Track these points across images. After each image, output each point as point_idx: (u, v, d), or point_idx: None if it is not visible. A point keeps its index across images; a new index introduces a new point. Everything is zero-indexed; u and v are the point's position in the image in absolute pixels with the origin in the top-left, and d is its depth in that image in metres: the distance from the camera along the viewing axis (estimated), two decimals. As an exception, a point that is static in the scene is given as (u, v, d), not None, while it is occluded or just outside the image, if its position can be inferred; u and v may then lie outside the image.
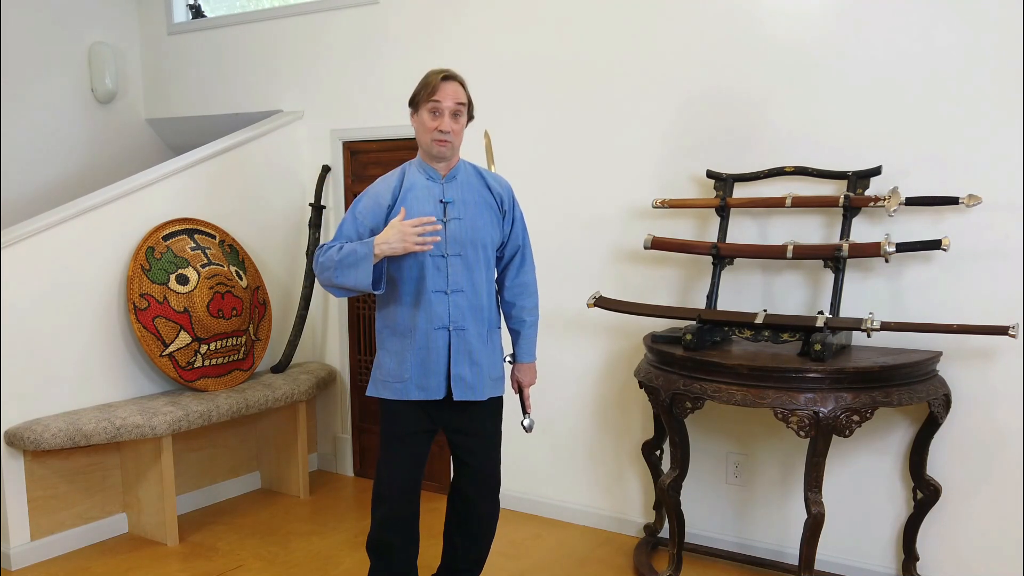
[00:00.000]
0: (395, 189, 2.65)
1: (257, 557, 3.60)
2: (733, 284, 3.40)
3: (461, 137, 2.66)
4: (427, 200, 2.64)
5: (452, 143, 2.62)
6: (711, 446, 3.54)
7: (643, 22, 3.54)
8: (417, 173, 2.68)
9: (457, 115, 2.60)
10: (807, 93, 3.23)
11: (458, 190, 2.67)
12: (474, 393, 2.67)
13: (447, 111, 2.58)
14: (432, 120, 2.59)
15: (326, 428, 4.68)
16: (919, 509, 3.08)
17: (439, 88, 2.58)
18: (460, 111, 2.61)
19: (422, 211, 2.61)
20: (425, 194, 2.64)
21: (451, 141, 2.61)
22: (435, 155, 2.63)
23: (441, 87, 2.58)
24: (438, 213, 2.63)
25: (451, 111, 2.59)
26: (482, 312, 2.67)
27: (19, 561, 3.47)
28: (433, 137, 2.59)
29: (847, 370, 2.76)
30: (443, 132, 2.58)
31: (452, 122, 2.59)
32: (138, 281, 3.73)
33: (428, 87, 2.59)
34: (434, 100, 2.58)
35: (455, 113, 2.60)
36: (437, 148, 2.61)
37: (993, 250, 2.96)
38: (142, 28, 5.14)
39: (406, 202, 2.63)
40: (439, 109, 2.58)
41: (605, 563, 3.50)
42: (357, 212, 2.67)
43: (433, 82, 2.59)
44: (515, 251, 2.79)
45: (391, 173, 2.72)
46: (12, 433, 3.37)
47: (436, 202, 2.64)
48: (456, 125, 2.61)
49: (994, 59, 2.91)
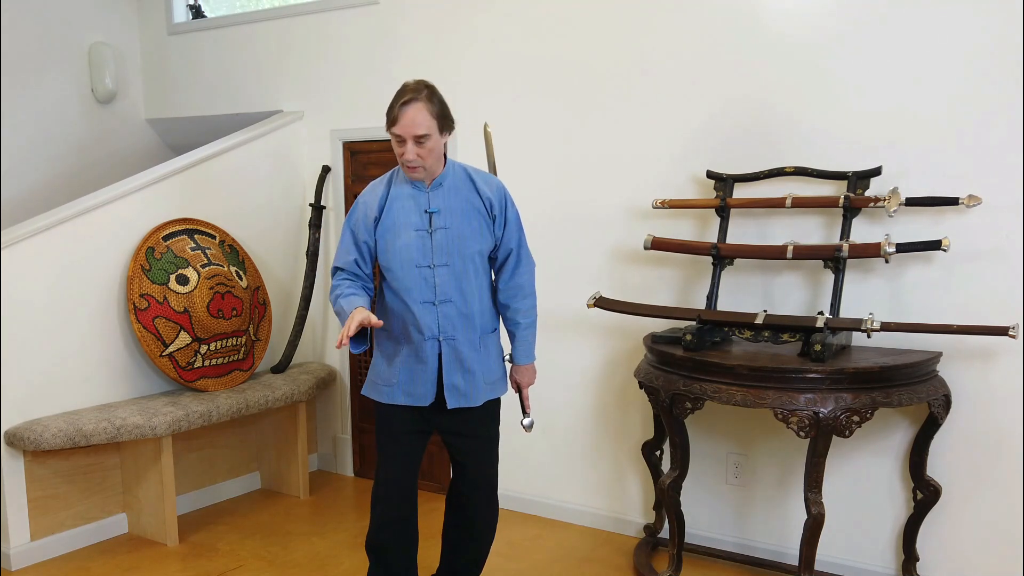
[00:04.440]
0: (381, 200, 2.63)
1: (257, 557, 3.60)
2: (733, 284, 3.40)
3: (436, 154, 2.57)
4: (412, 211, 2.61)
5: (423, 166, 2.55)
6: (711, 446, 3.54)
7: (644, 24, 3.53)
8: (403, 182, 2.64)
9: (421, 141, 2.49)
10: (807, 93, 3.23)
11: (444, 198, 2.62)
12: (468, 400, 2.67)
13: (409, 140, 2.50)
14: (398, 147, 2.53)
15: (326, 428, 4.68)
16: (919, 509, 3.08)
17: (399, 118, 2.48)
18: (424, 140, 2.49)
19: (407, 221, 2.60)
20: (410, 204, 2.62)
21: (420, 165, 2.54)
22: (411, 179, 2.61)
23: (400, 117, 2.48)
24: (424, 223, 2.60)
25: (414, 138, 2.49)
26: (472, 320, 2.65)
27: (19, 561, 3.47)
28: (401, 163, 2.56)
29: (847, 370, 2.76)
30: (408, 161, 2.53)
31: (417, 148, 2.50)
32: (138, 281, 3.73)
33: (391, 111, 2.50)
34: (393, 131, 2.50)
35: (419, 139, 2.49)
36: (409, 174, 2.58)
37: (993, 250, 2.96)
38: (142, 28, 5.14)
39: (392, 213, 2.61)
40: (401, 139, 2.51)
41: (605, 563, 3.50)
42: (352, 225, 2.67)
43: (393, 107, 2.50)
44: (508, 253, 2.73)
45: (379, 180, 2.70)
46: (12, 433, 3.38)
47: (421, 212, 2.61)
48: (422, 149, 2.50)
49: (994, 59, 2.91)
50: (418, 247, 2.59)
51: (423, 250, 2.59)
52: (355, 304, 2.54)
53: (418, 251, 2.59)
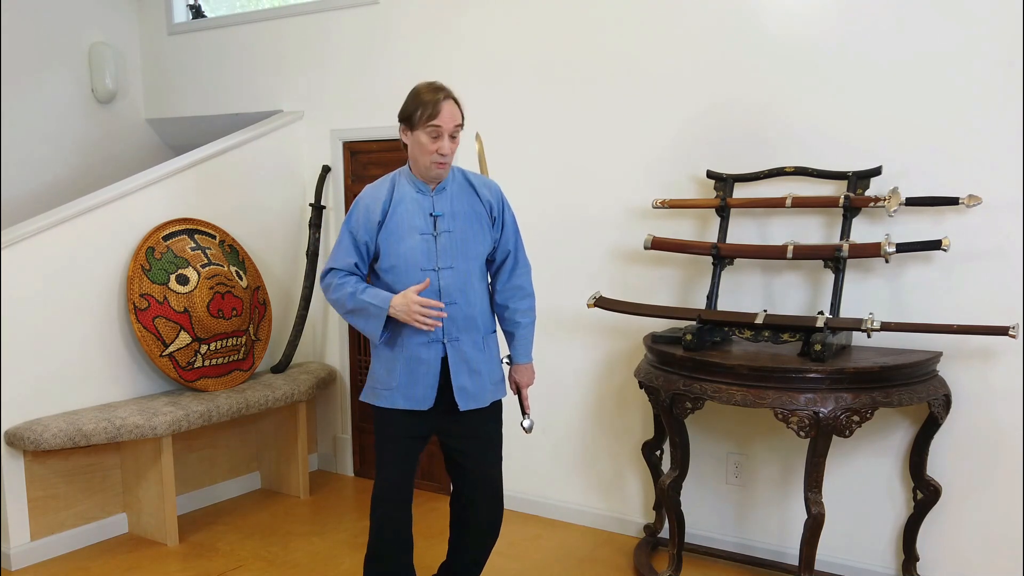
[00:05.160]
0: (384, 203, 2.63)
1: (257, 557, 3.60)
2: (733, 284, 3.40)
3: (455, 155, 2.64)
4: (417, 214, 2.62)
5: (449, 163, 2.60)
6: (711, 446, 3.54)
7: (644, 23, 3.53)
8: (407, 185, 2.65)
9: (454, 136, 2.57)
10: (807, 93, 3.23)
11: (448, 202, 2.64)
12: (477, 401, 2.68)
13: (446, 133, 2.54)
14: (432, 143, 2.54)
15: (326, 428, 4.68)
16: (919, 509, 3.08)
17: (440, 111, 2.51)
18: (457, 132, 2.57)
19: (413, 225, 2.60)
20: (415, 207, 2.62)
21: (449, 163, 2.60)
22: (434, 177, 2.61)
23: (442, 109, 2.51)
24: (428, 227, 2.61)
25: (450, 132, 2.55)
26: (475, 321, 2.67)
27: (19, 561, 3.47)
28: (433, 160, 2.56)
29: (847, 370, 2.76)
30: (443, 155, 2.56)
31: (451, 143, 2.57)
32: (138, 281, 3.73)
33: (426, 107, 2.51)
34: (434, 124, 2.52)
35: (452, 135, 2.56)
36: (436, 170, 2.59)
37: (993, 250, 2.96)
38: (142, 28, 5.15)
39: (396, 216, 2.61)
40: (440, 133, 2.54)
41: (605, 563, 3.50)
42: (352, 227, 2.65)
43: (431, 101, 2.52)
44: (506, 255, 2.76)
45: (380, 182, 2.69)
46: (12, 433, 3.38)
47: (426, 216, 2.62)
48: (454, 145, 2.58)
49: (994, 59, 2.91)
50: (423, 250, 2.60)
51: (428, 253, 2.60)
52: (382, 294, 2.57)
53: (423, 254, 2.59)
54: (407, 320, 2.53)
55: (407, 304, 2.51)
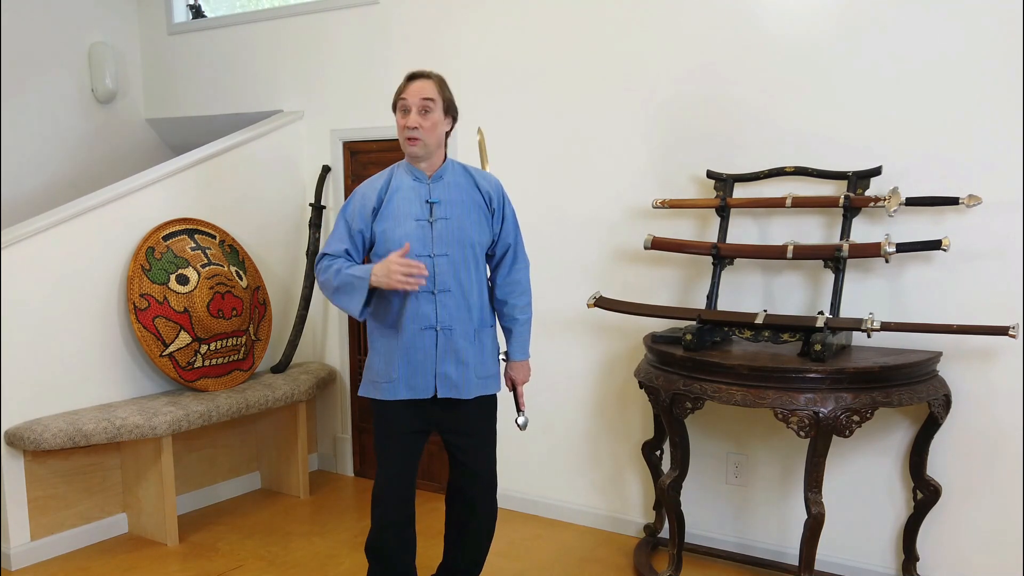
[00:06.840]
0: (381, 191, 2.66)
1: (257, 557, 3.60)
2: (733, 284, 3.40)
3: (435, 134, 2.62)
4: (413, 201, 2.64)
5: (423, 140, 2.59)
6: (711, 446, 3.54)
7: (644, 22, 3.53)
8: (404, 174, 2.68)
9: (426, 111, 2.59)
10: (807, 93, 3.23)
11: (445, 190, 2.66)
12: (459, 391, 2.67)
13: (414, 107, 2.58)
14: (402, 118, 2.60)
15: (326, 428, 4.68)
16: (919, 509, 3.08)
17: (408, 87, 2.61)
18: (428, 107, 2.58)
19: (409, 212, 2.62)
20: (411, 195, 2.65)
21: (421, 138, 2.59)
22: (409, 154, 2.64)
23: (408, 86, 2.61)
24: (424, 213, 2.63)
25: (418, 107, 2.58)
26: (471, 311, 2.68)
27: (19, 561, 3.47)
28: (405, 135, 2.61)
29: (847, 370, 2.76)
30: (410, 128, 2.58)
31: (420, 118, 2.58)
32: (138, 281, 3.73)
33: (399, 88, 2.63)
34: (401, 98, 2.61)
35: (423, 109, 2.58)
36: (408, 146, 2.62)
37: (993, 250, 2.96)
38: (142, 28, 5.14)
39: (392, 203, 2.63)
40: (406, 106, 2.59)
41: (605, 563, 3.50)
42: (347, 215, 2.68)
43: (403, 82, 2.63)
44: (506, 249, 2.78)
45: (379, 174, 2.73)
46: (12, 433, 3.38)
47: (422, 202, 2.64)
48: (425, 121, 2.58)
49: (994, 59, 2.91)
50: (418, 236, 2.61)
51: (423, 239, 2.61)
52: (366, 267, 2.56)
53: (418, 240, 2.61)
54: (390, 284, 2.50)
55: (387, 266, 2.50)
